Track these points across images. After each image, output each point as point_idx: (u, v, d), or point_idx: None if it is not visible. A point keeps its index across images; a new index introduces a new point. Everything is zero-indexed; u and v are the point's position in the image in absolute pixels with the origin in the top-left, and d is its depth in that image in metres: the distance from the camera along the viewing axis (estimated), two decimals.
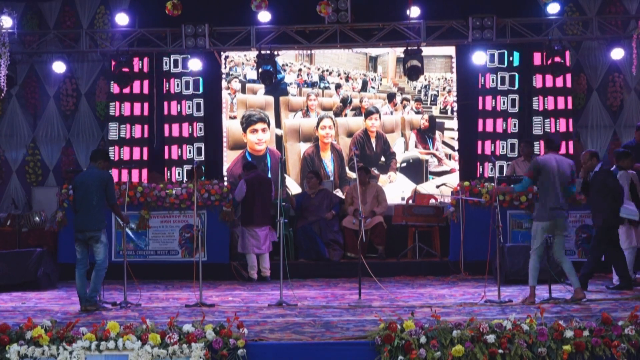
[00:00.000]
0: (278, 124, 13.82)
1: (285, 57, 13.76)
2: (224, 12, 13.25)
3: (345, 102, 13.77)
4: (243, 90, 13.87)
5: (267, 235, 10.82)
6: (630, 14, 13.01)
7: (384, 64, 13.89)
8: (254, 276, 10.79)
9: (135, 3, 13.58)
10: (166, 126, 13.75)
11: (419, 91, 13.75)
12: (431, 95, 13.76)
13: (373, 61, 13.91)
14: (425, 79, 13.60)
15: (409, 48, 12.47)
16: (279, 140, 13.81)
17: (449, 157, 13.64)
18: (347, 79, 13.84)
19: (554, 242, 8.35)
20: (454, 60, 13.72)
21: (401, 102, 13.77)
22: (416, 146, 13.69)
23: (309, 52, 13.69)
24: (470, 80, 13.59)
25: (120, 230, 11.02)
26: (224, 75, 13.83)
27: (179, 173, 13.54)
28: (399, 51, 13.24)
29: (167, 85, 13.76)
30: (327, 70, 13.88)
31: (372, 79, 13.85)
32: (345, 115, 13.79)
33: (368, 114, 13.71)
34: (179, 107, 13.72)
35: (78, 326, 5.98)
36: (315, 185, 12.00)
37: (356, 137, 13.70)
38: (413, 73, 12.46)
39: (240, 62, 13.86)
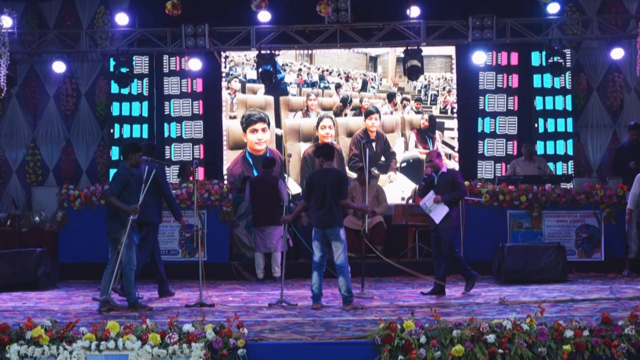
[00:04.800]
0: (278, 124, 13.82)
1: (285, 57, 13.76)
2: (224, 12, 13.25)
3: (345, 102, 13.77)
4: (243, 90, 13.87)
5: (279, 235, 10.77)
6: (630, 14, 13.01)
7: (384, 63, 13.89)
8: (260, 275, 10.80)
9: (135, 3, 13.58)
10: (166, 126, 13.76)
11: (419, 91, 13.76)
12: (431, 95, 13.76)
13: (373, 61, 13.91)
14: (425, 79, 13.60)
15: (409, 48, 12.47)
16: (279, 140, 13.81)
17: (449, 157, 13.64)
18: (347, 79, 13.84)
19: None
20: (454, 60, 13.72)
21: (401, 102, 13.77)
22: (416, 146, 13.69)
23: (309, 52, 13.69)
24: (470, 80, 13.60)
25: None
26: (224, 75, 13.83)
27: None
28: (399, 51, 13.24)
29: (167, 85, 13.77)
30: (327, 70, 13.88)
31: (372, 79, 13.85)
32: (345, 115, 13.79)
33: (368, 113, 13.72)
34: (179, 107, 13.73)
35: (78, 326, 5.98)
36: None
37: (356, 137, 13.69)
38: (413, 73, 12.47)
39: (240, 62, 13.86)
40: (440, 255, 8.98)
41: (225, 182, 12.85)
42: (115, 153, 13.53)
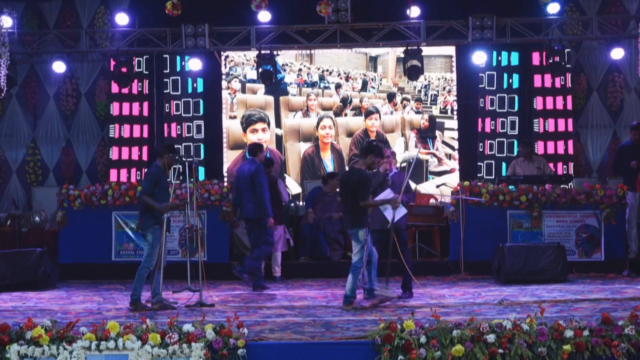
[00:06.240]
0: (278, 124, 13.82)
1: (285, 57, 13.76)
2: (224, 12, 13.25)
3: (345, 102, 13.77)
4: (243, 90, 13.87)
5: (279, 235, 10.78)
6: (630, 14, 13.01)
7: (384, 63, 13.89)
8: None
9: (135, 3, 13.58)
10: (166, 126, 13.76)
11: (419, 91, 13.76)
12: (431, 95, 13.76)
13: (373, 61, 13.91)
14: (425, 79, 13.60)
15: (409, 48, 12.47)
16: (279, 140, 13.81)
17: (449, 156, 13.64)
18: (347, 79, 13.84)
19: None
20: (454, 60, 13.72)
21: (401, 102, 13.78)
22: (416, 146, 13.69)
23: (309, 52, 13.68)
24: (470, 80, 13.60)
25: (121, 230, 11.04)
26: (224, 75, 13.83)
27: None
28: (399, 51, 13.24)
29: (167, 85, 13.77)
30: (327, 70, 13.88)
31: (372, 79, 13.85)
32: (345, 115, 13.79)
33: (368, 113, 13.72)
34: (179, 107, 13.73)
35: (78, 326, 5.98)
36: (335, 187, 11.93)
37: (356, 137, 13.70)
38: (413, 73, 12.46)
39: (240, 62, 13.86)
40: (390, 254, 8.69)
41: (225, 182, 12.85)
42: (115, 153, 13.54)
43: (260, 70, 12.54)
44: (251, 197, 9.62)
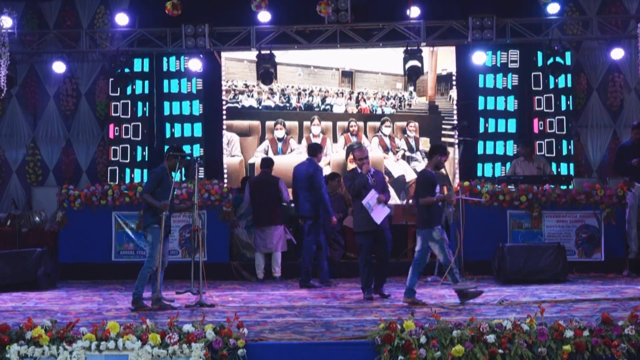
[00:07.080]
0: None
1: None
2: (224, 12, 13.26)
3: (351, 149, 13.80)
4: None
5: (279, 235, 10.78)
6: (630, 14, 13.02)
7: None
8: (260, 275, 10.79)
9: (135, 3, 13.59)
10: (166, 126, 13.75)
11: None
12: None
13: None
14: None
15: (409, 48, 12.46)
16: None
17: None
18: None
19: None
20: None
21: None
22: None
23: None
24: (470, 80, 13.59)
25: (121, 230, 11.04)
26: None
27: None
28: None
29: (167, 85, 13.76)
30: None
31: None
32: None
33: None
34: (179, 107, 13.73)
35: (78, 326, 5.98)
36: (336, 188, 11.93)
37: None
38: (413, 73, 12.45)
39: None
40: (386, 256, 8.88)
41: (226, 182, 12.82)
42: (114, 153, 13.54)
43: (260, 71, 12.54)
44: (308, 197, 10.01)
